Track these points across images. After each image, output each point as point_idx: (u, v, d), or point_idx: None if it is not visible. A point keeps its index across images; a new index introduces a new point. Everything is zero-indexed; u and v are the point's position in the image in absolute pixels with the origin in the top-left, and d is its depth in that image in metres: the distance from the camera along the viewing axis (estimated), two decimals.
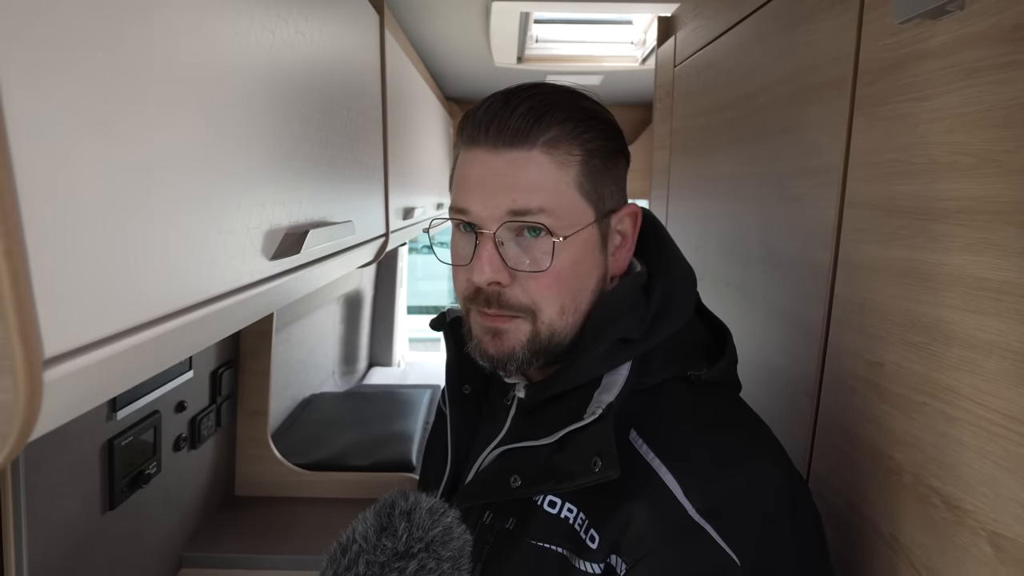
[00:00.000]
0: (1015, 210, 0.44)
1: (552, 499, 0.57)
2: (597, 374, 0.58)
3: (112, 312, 0.38)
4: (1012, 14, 0.44)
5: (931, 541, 0.52)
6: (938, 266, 0.52)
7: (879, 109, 0.61)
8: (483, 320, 0.59)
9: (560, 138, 0.56)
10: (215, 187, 0.52)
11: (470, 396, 0.71)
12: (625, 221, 0.62)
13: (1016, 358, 0.44)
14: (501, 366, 0.60)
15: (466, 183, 0.58)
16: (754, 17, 0.93)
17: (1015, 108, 0.44)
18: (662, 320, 0.60)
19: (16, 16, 0.30)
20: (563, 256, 0.57)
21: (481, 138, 0.57)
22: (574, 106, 0.58)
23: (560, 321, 0.58)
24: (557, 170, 0.56)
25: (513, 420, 0.66)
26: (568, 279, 0.58)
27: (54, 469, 0.91)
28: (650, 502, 0.52)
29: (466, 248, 0.59)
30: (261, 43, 0.61)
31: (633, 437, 0.56)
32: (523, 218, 0.56)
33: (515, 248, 0.57)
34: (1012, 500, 0.44)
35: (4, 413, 0.31)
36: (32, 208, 0.31)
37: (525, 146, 0.56)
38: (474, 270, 0.56)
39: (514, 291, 0.57)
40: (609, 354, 0.58)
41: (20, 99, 0.30)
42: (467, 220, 0.58)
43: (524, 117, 0.55)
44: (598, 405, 0.56)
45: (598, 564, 0.53)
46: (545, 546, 0.56)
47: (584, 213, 0.58)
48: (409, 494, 0.55)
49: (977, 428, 0.48)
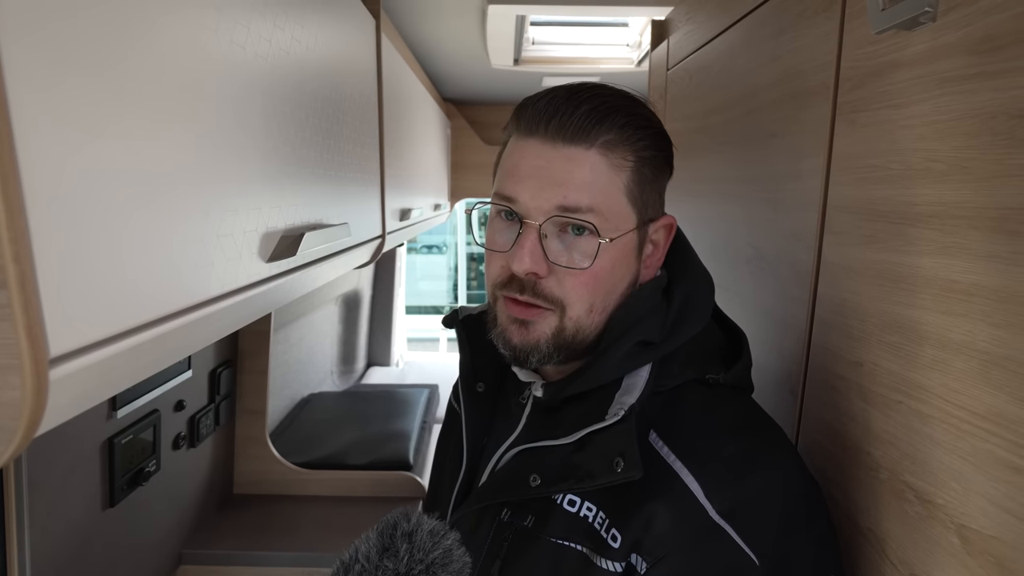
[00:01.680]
0: (981, 215, 0.46)
1: (571, 498, 0.58)
2: (618, 375, 0.59)
3: (114, 313, 0.40)
4: (981, 26, 0.46)
5: (905, 534, 0.54)
6: (913, 269, 0.54)
7: (859, 115, 0.63)
8: (511, 309, 0.60)
9: (617, 142, 0.57)
10: (213, 192, 0.54)
11: (484, 394, 0.71)
12: (660, 232, 0.64)
13: (983, 358, 0.46)
14: (523, 356, 0.60)
15: (517, 172, 0.58)
16: (743, 23, 0.95)
17: (982, 117, 0.46)
18: (681, 324, 0.61)
19: (24, 28, 0.32)
20: (604, 258, 0.58)
21: (540, 130, 0.57)
22: (633, 112, 0.59)
23: (587, 319, 0.59)
24: (610, 172, 0.57)
25: (528, 419, 0.66)
26: (604, 280, 0.59)
27: (56, 466, 0.92)
28: (672, 503, 0.54)
29: (506, 235, 0.59)
30: (258, 51, 0.63)
31: (653, 439, 0.58)
32: (572, 215, 0.56)
33: (557, 243, 0.58)
34: (978, 494, 0.46)
35: (11, 410, 0.32)
36: (39, 214, 0.33)
37: (584, 144, 0.56)
38: (514, 258, 0.57)
39: (549, 283, 0.58)
40: (630, 356, 0.59)
41: (27, 109, 0.32)
42: (513, 208, 0.58)
43: (587, 116, 0.56)
44: (620, 407, 0.57)
45: (619, 563, 0.54)
46: (566, 544, 0.57)
47: (628, 218, 0.59)
48: (411, 515, 0.56)
49: (948, 425, 0.49)
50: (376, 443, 1.76)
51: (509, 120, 0.62)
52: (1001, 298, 0.44)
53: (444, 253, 8.97)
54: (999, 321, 0.44)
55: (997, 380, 0.45)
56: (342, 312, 2.60)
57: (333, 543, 1.41)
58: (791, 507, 0.54)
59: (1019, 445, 0.43)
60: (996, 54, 0.44)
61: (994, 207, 0.45)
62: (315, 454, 1.68)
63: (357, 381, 2.75)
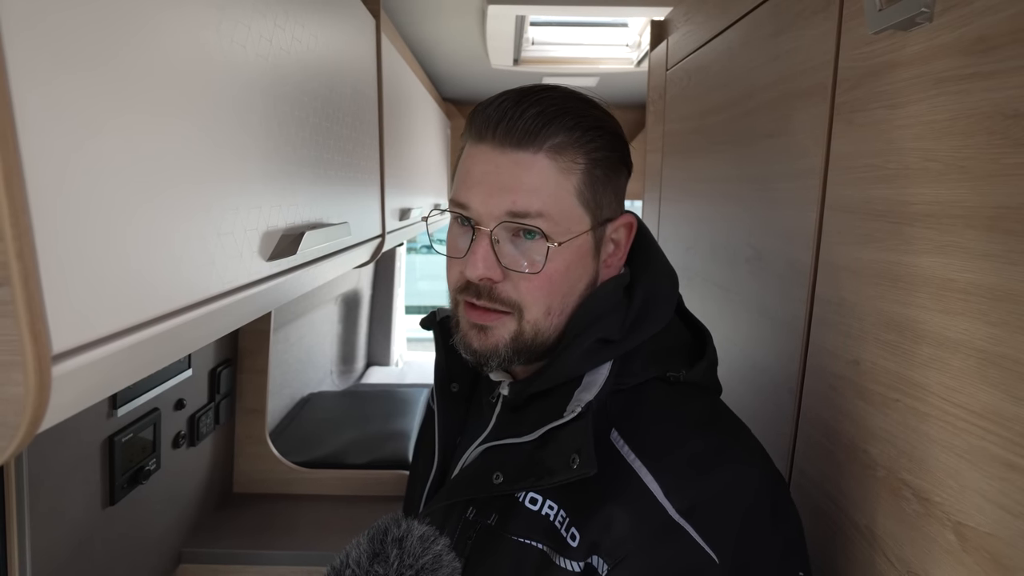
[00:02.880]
0: (978, 215, 0.46)
1: (533, 496, 0.58)
2: (578, 373, 0.60)
3: (116, 310, 0.40)
4: (976, 27, 0.47)
5: (902, 532, 0.55)
6: (910, 268, 0.54)
7: (857, 115, 0.63)
8: (470, 315, 0.60)
9: (566, 145, 0.57)
10: (214, 191, 0.54)
11: (458, 394, 0.72)
12: (620, 231, 0.64)
13: (979, 356, 0.46)
14: (484, 361, 0.61)
15: (469, 178, 0.59)
16: (741, 23, 0.95)
17: (978, 117, 0.46)
18: (643, 321, 0.62)
19: (27, 26, 0.32)
20: (556, 261, 0.58)
21: (488, 135, 0.58)
22: (583, 114, 0.58)
23: (545, 321, 0.60)
24: (559, 176, 0.57)
25: (498, 417, 0.67)
26: (559, 282, 0.59)
27: (57, 464, 0.93)
28: (631, 503, 0.54)
29: (462, 241, 0.60)
30: (259, 51, 0.63)
31: (614, 437, 0.58)
32: (521, 220, 0.57)
33: (510, 247, 0.58)
34: (974, 491, 0.46)
35: (15, 406, 0.33)
36: (42, 211, 0.33)
37: (531, 148, 0.56)
38: (468, 264, 0.58)
39: (505, 287, 0.59)
40: (590, 353, 0.60)
41: (31, 107, 0.32)
42: (466, 215, 0.59)
43: (534, 120, 0.56)
44: (577, 403, 0.57)
45: (578, 563, 0.54)
46: (526, 542, 0.57)
47: (580, 220, 0.59)
48: (402, 521, 0.57)
49: (944, 423, 0.50)
50: (376, 442, 1.76)
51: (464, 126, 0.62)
52: (997, 296, 0.44)
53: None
54: (995, 319, 0.45)
55: (993, 378, 0.45)
56: (342, 312, 2.61)
57: (332, 542, 1.40)
58: (755, 506, 0.54)
59: (1014, 443, 0.43)
60: (991, 54, 0.45)
61: (990, 206, 0.45)
62: (315, 453, 1.68)
63: (357, 381, 2.75)
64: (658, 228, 1.39)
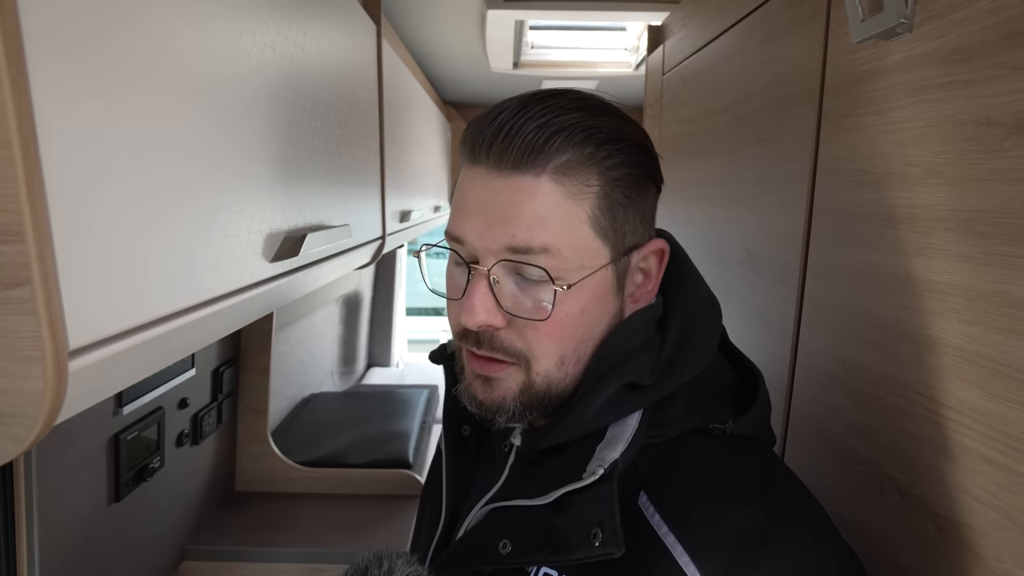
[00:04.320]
0: (954, 217, 0.48)
1: (547, 571, 0.48)
2: (601, 425, 0.50)
3: (127, 309, 0.42)
4: (953, 37, 0.48)
5: (886, 525, 0.56)
6: (893, 269, 0.56)
7: (843, 121, 0.65)
8: (473, 364, 0.52)
9: (575, 163, 0.47)
10: (220, 194, 0.56)
11: (469, 439, 0.62)
12: (650, 259, 0.53)
13: (956, 354, 0.48)
14: (491, 415, 0.52)
15: (462, 207, 0.50)
16: (735, 29, 0.97)
17: (954, 124, 0.48)
18: (679, 361, 0.51)
19: (48, 45, 0.34)
20: (567, 304, 0.48)
21: (483, 156, 0.48)
22: (596, 124, 0.47)
23: (558, 372, 0.50)
24: (568, 203, 0.47)
25: (511, 470, 0.57)
26: (572, 328, 0.49)
27: (64, 461, 0.95)
28: None
29: (460, 279, 0.50)
30: (263, 59, 0.65)
31: (643, 502, 0.48)
32: (523, 257, 0.47)
33: (512, 288, 0.49)
34: (952, 485, 0.48)
35: (35, 399, 0.34)
36: (60, 216, 0.35)
37: (533, 171, 0.46)
38: (464, 310, 0.48)
39: (509, 335, 0.50)
40: (615, 401, 0.50)
41: (51, 118, 0.34)
42: (459, 252, 0.50)
43: (535, 134, 0.46)
44: (600, 463, 0.47)
45: None
46: None
47: (597, 254, 0.49)
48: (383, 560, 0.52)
49: (925, 420, 0.52)
50: (376, 442, 1.78)
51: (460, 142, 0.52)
52: (971, 296, 0.46)
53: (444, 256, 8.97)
54: (969, 319, 0.46)
55: (969, 375, 0.47)
56: (343, 313, 2.63)
57: (333, 540, 1.43)
58: None
59: (988, 436, 0.45)
60: (966, 64, 0.47)
61: (965, 209, 0.47)
62: (316, 453, 1.70)
63: (357, 381, 2.77)
64: None
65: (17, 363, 0.34)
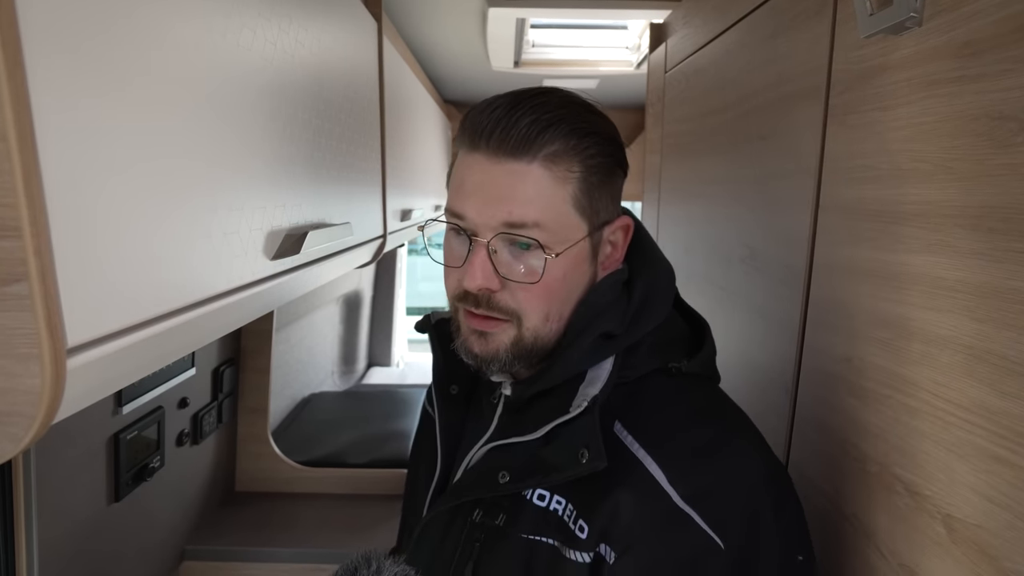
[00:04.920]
0: (964, 214, 0.47)
1: (541, 492, 0.59)
2: (582, 369, 0.60)
3: (127, 306, 0.42)
4: (963, 31, 0.48)
5: (894, 525, 0.56)
6: (901, 266, 0.56)
7: (850, 117, 0.64)
8: (470, 321, 0.61)
9: (561, 153, 0.57)
10: (220, 191, 0.55)
11: (457, 396, 0.72)
12: (617, 233, 0.64)
13: (967, 352, 0.47)
14: (485, 365, 0.61)
15: (463, 188, 0.59)
16: (739, 26, 0.96)
17: (965, 119, 0.47)
18: (643, 315, 0.62)
19: (46, 38, 0.34)
20: (554, 270, 0.58)
21: (482, 144, 0.57)
22: (578, 121, 0.58)
23: (544, 328, 0.60)
24: (555, 185, 0.57)
25: (500, 418, 0.66)
26: (557, 290, 0.59)
27: (63, 461, 0.94)
28: (636, 491, 0.55)
29: (459, 249, 0.60)
30: (264, 54, 0.64)
31: (618, 429, 0.59)
32: (517, 231, 0.57)
33: (507, 257, 0.58)
34: (963, 484, 0.47)
35: (32, 397, 0.34)
36: (58, 211, 0.34)
37: (525, 158, 0.56)
38: (466, 275, 0.58)
39: (503, 296, 0.59)
40: (593, 349, 0.60)
41: (48, 113, 0.34)
42: (462, 225, 0.59)
43: (528, 128, 0.55)
44: (583, 398, 0.57)
45: (587, 553, 0.55)
46: (536, 539, 0.58)
47: (577, 228, 0.59)
48: (372, 560, 0.56)
49: (934, 418, 0.51)
50: (376, 442, 1.77)
51: (457, 130, 0.62)
52: (983, 293, 0.46)
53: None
54: (982, 316, 0.46)
55: (980, 373, 0.46)
56: (343, 312, 2.62)
57: (333, 540, 1.42)
58: (757, 491, 0.55)
59: (1000, 436, 0.44)
60: (977, 58, 0.46)
61: (976, 205, 0.46)
62: (316, 453, 1.70)
63: (358, 381, 2.76)
64: (657, 229, 1.40)
65: (14, 361, 0.33)
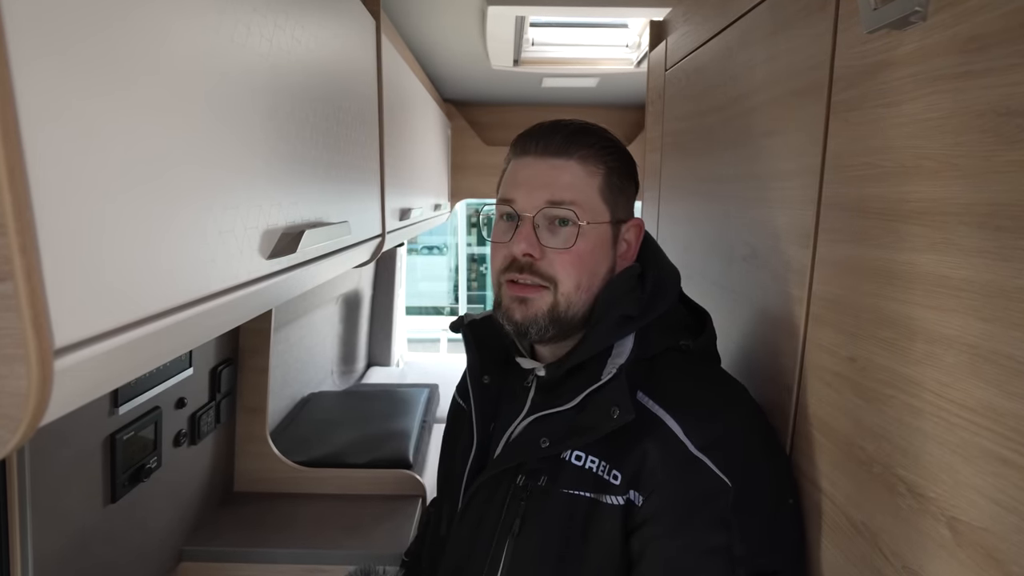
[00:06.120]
0: (970, 211, 0.46)
1: (578, 453, 0.70)
2: (609, 342, 0.73)
3: (117, 306, 0.41)
4: (968, 26, 0.47)
5: (897, 527, 0.55)
6: (904, 265, 0.55)
7: (852, 114, 0.63)
8: (512, 290, 0.74)
9: (590, 155, 0.74)
10: (215, 189, 0.54)
11: (489, 385, 0.84)
12: (631, 231, 0.79)
13: (972, 352, 0.47)
14: (524, 330, 0.74)
15: (515, 180, 0.75)
16: (739, 23, 0.95)
17: (970, 115, 0.47)
18: (655, 301, 0.76)
19: (32, 26, 0.33)
20: (584, 241, 0.73)
21: (531, 149, 0.75)
22: (603, 136, 0.77)
23: (576, 295, 0.73)
24: (587, 177, 0.74)
25: (533, 398, 0.79)
26: (586, 260, 0.73)
27: (58, 462, 0.93)
28: (658, 442, 0.67)
29: (506, 231, 0.75)
30: (259, 51, 0.63)
31: (640, 396, 0.71)
32: (557, 206, 0.72)
33: (547, 232, 0.73)
34: (968, 486, 0.47)
35: (17, 399, 0.33)
36: (44, 207, 0.34)
37: (564, 156, 0.73)
38: (514, 242, 0.72)
39: (543, 264, 0.73)
40: (617, 326, 0.73)
41: (34, 105, 0.33)
42: (512, 208, 0.74)
43: (566, 137, 0.74)
44: (612, 367, 0.70)
45: (620, 497, 0.67)
46: (576, 493, 0.69)
47: (603, 212, 0.75)
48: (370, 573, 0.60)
49: (938, 419, 0.50)
50: (376, 442, 1.76)
51: (508, 150, 0.79)
52: (989, 293, 0.45)
53: (444, 254, 8.98)
54: (988, 316, 0.45)
55: (986, 374, 0.45)
56: (342, 312, 2.61)
57: (333, 540, 1.41)
58: (755, 443, 0.70)
59: (1007, 437, 0.43)
60: (983, 53, 0.45)
61: (982, 203, 0.45)
62: (315, 453, 1.69)
63: (357, 381, 2.75)
64: (657, 227, 1.39)
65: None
